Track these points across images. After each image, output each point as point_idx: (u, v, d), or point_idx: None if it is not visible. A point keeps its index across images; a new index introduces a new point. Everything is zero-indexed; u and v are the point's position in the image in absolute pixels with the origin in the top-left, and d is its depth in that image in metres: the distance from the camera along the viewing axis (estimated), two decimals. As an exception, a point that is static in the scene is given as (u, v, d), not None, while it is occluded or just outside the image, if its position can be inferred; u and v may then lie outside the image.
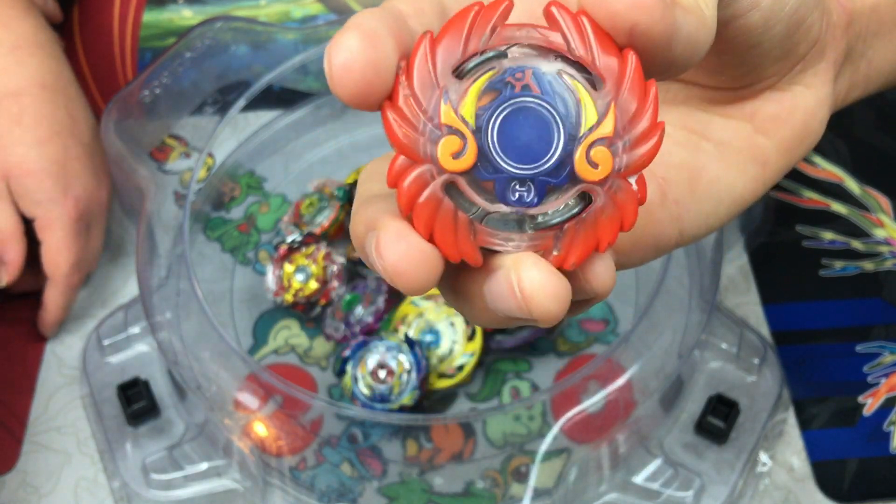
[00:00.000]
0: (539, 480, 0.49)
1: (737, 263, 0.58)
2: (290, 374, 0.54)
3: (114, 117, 0.58)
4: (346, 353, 0.52)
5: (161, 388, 0.52)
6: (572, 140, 0.22)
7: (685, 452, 0.50)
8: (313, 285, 0.54)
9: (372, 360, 0.51)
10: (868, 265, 0.58)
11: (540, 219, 0.22)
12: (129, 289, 0.57)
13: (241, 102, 0.58)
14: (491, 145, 0.22)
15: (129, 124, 0.58)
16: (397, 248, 0.22)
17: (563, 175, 0.22)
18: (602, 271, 0.24)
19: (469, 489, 0.50)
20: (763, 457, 0.50)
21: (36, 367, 0.55)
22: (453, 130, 0.22)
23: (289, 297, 0.54)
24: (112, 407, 0.51)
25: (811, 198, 0.60)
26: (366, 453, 0.50)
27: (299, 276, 0.54)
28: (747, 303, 0.56)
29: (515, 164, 0.22)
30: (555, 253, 0.23)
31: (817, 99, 0.31)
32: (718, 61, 0.29)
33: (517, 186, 0.22)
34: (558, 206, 0.22)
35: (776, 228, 0.59)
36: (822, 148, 0.62)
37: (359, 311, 0.54)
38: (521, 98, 0.22)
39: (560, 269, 0.23)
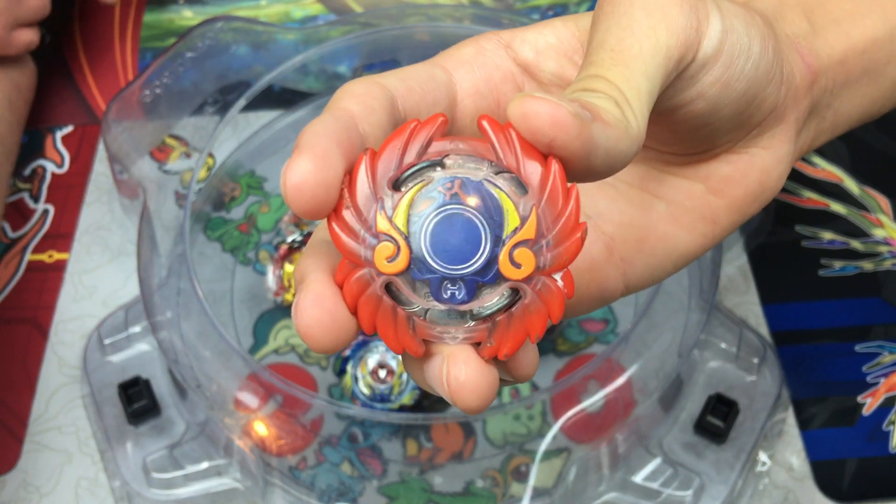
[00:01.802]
0: (539, 480, 0.49)
1: (736, 263, 0.58)
2: (290, 373, 0.54)
3: (114, 117, 0.58)
4: (347, 352, 0.52)
5: (162, 388, 0.52)
6: (498, 242, 0.24)
7: (685, 452, 0.50)
8: (313, 285, 0.54)
9: (372, 360, 0.51)
10: (867, 265, 0.58)
11: (474, 312, 0.25)
12: (129, 288, 0.57)
13: (242, 102, 0.58)
14: (424, 249, 0.24)
15: (129, 124, 0.58)
16: (311, 314, 0.24)
17: (490, 274, 0.24)
18: (525, 360, 0.26)
19: (469, 489, 0.50)
20: (762, 456, 0.50)
21: (37, 366, 0.55)
22: (388, 237, 0.24)
23: (289, 297, 0.54)
24: (113, 406, 0.51)
25: (810, 198, 0.61)
26: (366, 453, 0.50)
27: (299, 276, 0.54)
28: (747, 302, 0.56)
29: (447, 266, 0.24)
30: (488, 344, 0.25)
31: (775, 158, 0.31)
32: (669, 136, 0.30)
33: (449, 285, 0.24)
34: (490, 301, 0.25)
35: (775, 228, 0.59)
36: (822, 148, 0.62)
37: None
38: (451, 205, 0.24)
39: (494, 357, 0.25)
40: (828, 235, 0.59)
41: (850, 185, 0.61)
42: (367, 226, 0.24)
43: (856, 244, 0.59)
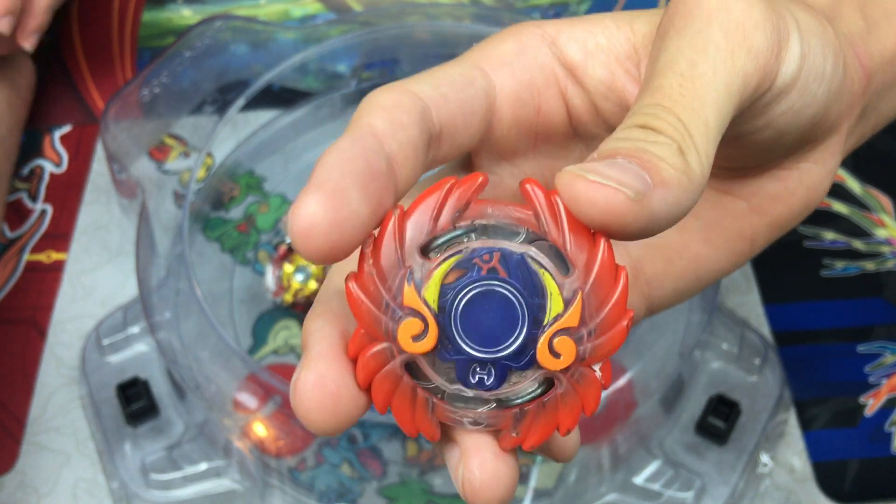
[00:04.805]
0: (539, 481, 0.49)
1: (737, 263, 0.58)
2: (289, 374, 0.53)
3: (113, 117, 0.58)
4: (346, 353, 0.51)
5: (160, 388, 0.52)
6: (536, 325, 0.22)
7: (686, 453, 0.50)
8: (313, 285, 0.54)
9: (372, 361, 0.51)
10: (869, 265, 0.58)
11: (501, 399, 0.22)
12: (128, 289, 0.57)
13: (241, 102, 0.58)
14: (453, 327, 0.22)
15: (128, 124, 0.58)
16: (312, 396, 0.22)
17: (524, 360, 0.22)
18: (566, 439, 0.24)
19: (469, 490, 0.50)
20: (764, 457, 0.50)
21: (35, 367, 0.55)
22: (415, 313, 0.22)
23: (288, 297, 0.54)
24: (111, 407, 0.51)
25: (812, 197, 0.60)
26: (365, 454, 0.50)
27: (299, 276, 0.54)
28: (748, 303, 0.56)
29: (477, 347, 0.22)
30: (513, 434, 0.23)
31: (823, 173, 0.29)
32: (722, 158, 0.28)
33: (478, 369, 0.22)
34: (520, 388, 0.22)
35: (777, 228, 0.59)
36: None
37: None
38: (487, 281, 0.22)
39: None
40: (830, 235, 0.59)
41: (853, 184, 0.61)
42: (392, 295, 0.22)
43: (858, 244, 0.58)
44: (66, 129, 0.65)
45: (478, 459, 0.22)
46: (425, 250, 0.22)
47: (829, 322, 0.56)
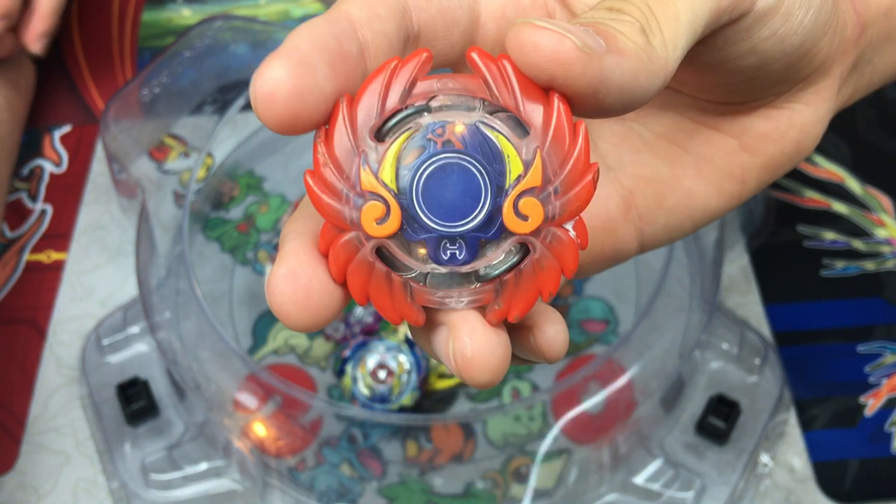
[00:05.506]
0: (539, 481, 0.49)
1: (738, 263, 0.58)
2: (289, 374, 0.54)
3: (113, 116, 0.58)
4: (346, 353, 0.51)
5: (160, 388, 0.52)
6: (500, 192, 0.21)
7: (686, 453, 0.50)
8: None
9: (372, 361, 0.51)
10: (869, 265, 0.58)
11: (479, 273, 0.22)
12: (128, 288, 0.57)
13: (241, 102, 0.58)
14: (417, 206, 0.21)
15: (128, 124, 0.58)
16: (284, 290, 0.22)
17: (493, 229, 0.22)
18: (553, 335, 0.24)
19: (469, 490, 0.50)
20: (764, 457, 0.50)
21: (35, 367, 0.55)
22: (375, 196, 0.21)
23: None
24: (111, 407, 0.51)
25: (812, 198, 0.60)
26: (365, 454, 0.50)
27: (299, 276, 0.54)
28: (748, 303, 0.56)
29: (443, 223, 0.22)
30: (496, 307, 0.22)
31: (815, 117, 0.29)
32: (708, 87, 0.28)
33: (448, 245, 0.22)
34: (495, 259, 0.22)
35: (777, 228, 0.59)
36: (824, 147, 0.62)
37: (359, 311, 0.54)
38: (444, 154, 0.21)
39: (506, 322, 0.23)
40: (830, 235, 0.59)
41: (852, 184, 0.61)
42: (351, 184, 0.21)
43: (858, 244, 0.58)
44: (66, 129, 0.65)
45: (467, 330, 0.22)
46: (378, 135, 0.21)
47: (829, 322, 0.55)
